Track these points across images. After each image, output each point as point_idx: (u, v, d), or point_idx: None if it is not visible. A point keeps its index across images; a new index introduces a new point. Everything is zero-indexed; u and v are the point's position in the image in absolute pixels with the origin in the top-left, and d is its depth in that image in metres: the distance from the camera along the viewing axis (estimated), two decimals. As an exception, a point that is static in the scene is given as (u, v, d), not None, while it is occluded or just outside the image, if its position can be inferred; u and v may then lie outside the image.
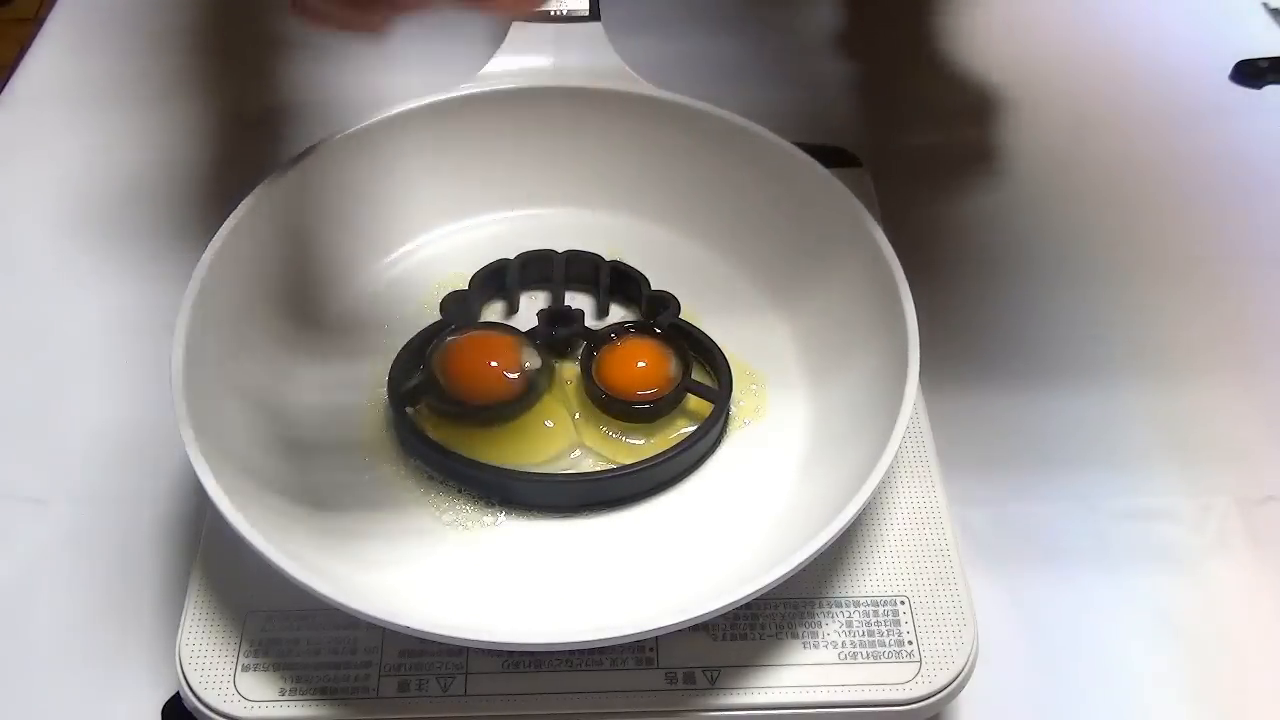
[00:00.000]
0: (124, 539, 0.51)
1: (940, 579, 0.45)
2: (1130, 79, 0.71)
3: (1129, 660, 0.48)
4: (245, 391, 0.48)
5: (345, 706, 0.42)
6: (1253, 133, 0.68)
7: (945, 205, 0.64)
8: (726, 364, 0.50)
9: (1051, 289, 0.61)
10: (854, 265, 0.49)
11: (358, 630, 0.43)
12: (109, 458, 0.53)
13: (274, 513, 0.43)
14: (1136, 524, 0.52)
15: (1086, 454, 0.54)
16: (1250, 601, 0.50)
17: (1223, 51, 0.72)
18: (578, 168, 0.56)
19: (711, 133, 0.54)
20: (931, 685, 0.42)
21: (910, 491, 0.47)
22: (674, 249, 0.55)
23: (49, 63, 0.71)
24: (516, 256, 0.54)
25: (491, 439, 0.48)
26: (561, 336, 0.51)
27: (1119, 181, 0.66)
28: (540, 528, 0.46)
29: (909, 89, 0.70)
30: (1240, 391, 0.57)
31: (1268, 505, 0.52)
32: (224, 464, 0.42)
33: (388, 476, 0.48)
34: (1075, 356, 0.58)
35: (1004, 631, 0.48)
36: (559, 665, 0.42)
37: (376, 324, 0.53)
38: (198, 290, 0.46)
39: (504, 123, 0.55)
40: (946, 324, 0.55)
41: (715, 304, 0.53)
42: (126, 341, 0.57)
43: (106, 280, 0.60)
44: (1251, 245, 0.63)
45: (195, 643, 0.43)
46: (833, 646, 0.43)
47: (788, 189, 0.52)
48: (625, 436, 0.49)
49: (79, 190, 0.64)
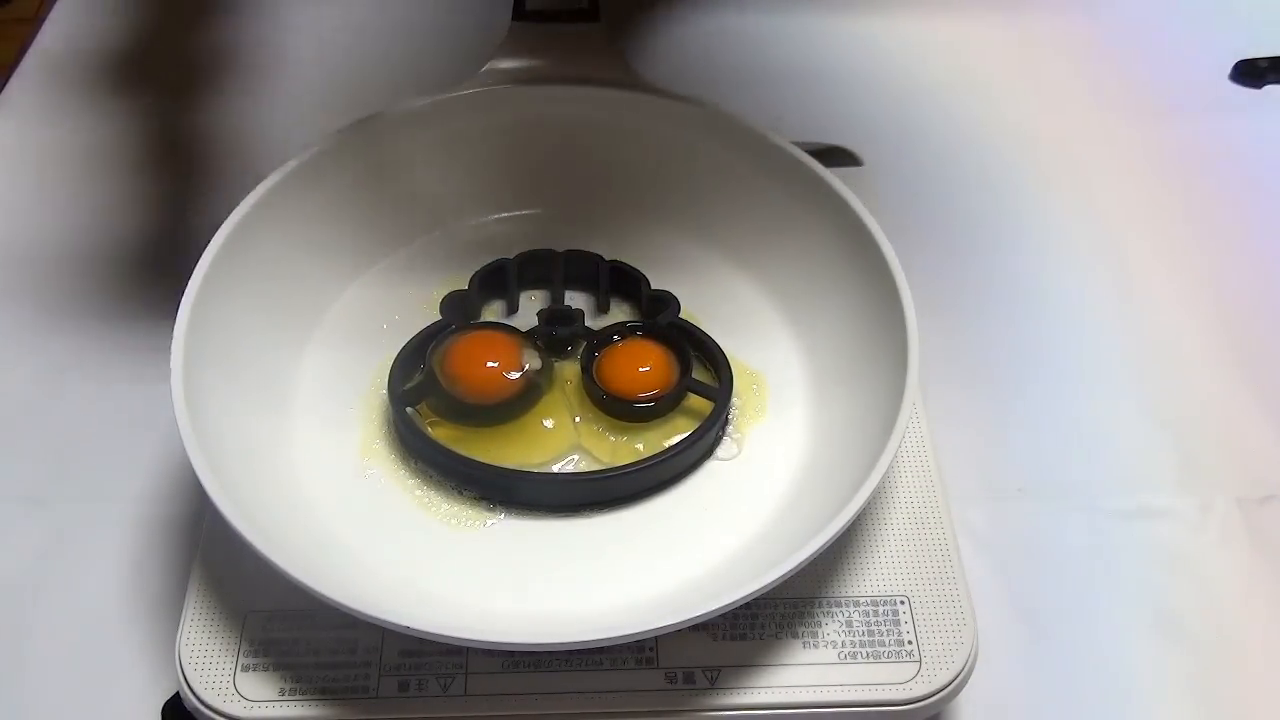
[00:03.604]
0: (124, 539, 0.51)
1: (940, 579, 0.45)
2: (1130, 79, 0.71)
3: (1129, 660, 0.48)
4: (245, 391, 0.48)
5: (345, 706, 0.42)
6: (1253, 132, 0.68)
7: (945, 205, 0.64)
8: (727, 363, 0.50)
9: (1052, 288, 0.61)
10: (854, 265, 0.49)
11: (358, 630, 0.43)
12: (109, 458, 0.53)
13: (274, 513, 0.43)
14: (1136, 523, 0.52)
15: (1086, 453, 0.54)
16: (1250, 601, 0.50)
17: (1223, 51, 0.72)
18: (578, 168, 0.56)
19: (712, 132, 0.54)
20: (931, 685, 0.42)
21: (910, 491, 0.47)
22: (674, 248, 0.55)
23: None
24: (516, 256, 0.54)
25: (491, 439, 0.48)
26: (561, 336, 0.51)
27: (1119, 181, 0.66)
28: (540, 528, 0.46)
29: (909, 89, 0.70)
30: (1240, 390, 0.57)
31: (1268, 505, 0.52)
32: (224, 464, 0.42)
33: (387, 476, 0.48)
34: (1075, 355, 0.58)
35: (1004, 631, 0.48)
36: (559, 665, 0.42)
37: (376, 324, 0.53)
38: (198, 289, 0.46)
39: (504, 123, 0.55)
40: (947, 323, 0.55)
41: (715, 303, 0.53)
42: (127, 341, 0.57)
43: (108, 277, 0.60)
44: (1251, 244, 0.63)
45: (195, 643, 0.43)
46: (833, 646, 0.43)
47: (788, 188, 0.52)
48: (625, 436, 0.49)
49: (77, 190, 0.64)
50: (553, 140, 0.56)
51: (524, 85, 0.55)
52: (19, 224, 0.63)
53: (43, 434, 0.54)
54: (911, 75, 0.71)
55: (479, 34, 0.60)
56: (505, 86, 0.55)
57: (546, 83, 0.55)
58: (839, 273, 0.50)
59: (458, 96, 0.54)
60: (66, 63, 0.71)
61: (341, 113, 0.53)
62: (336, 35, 0.74)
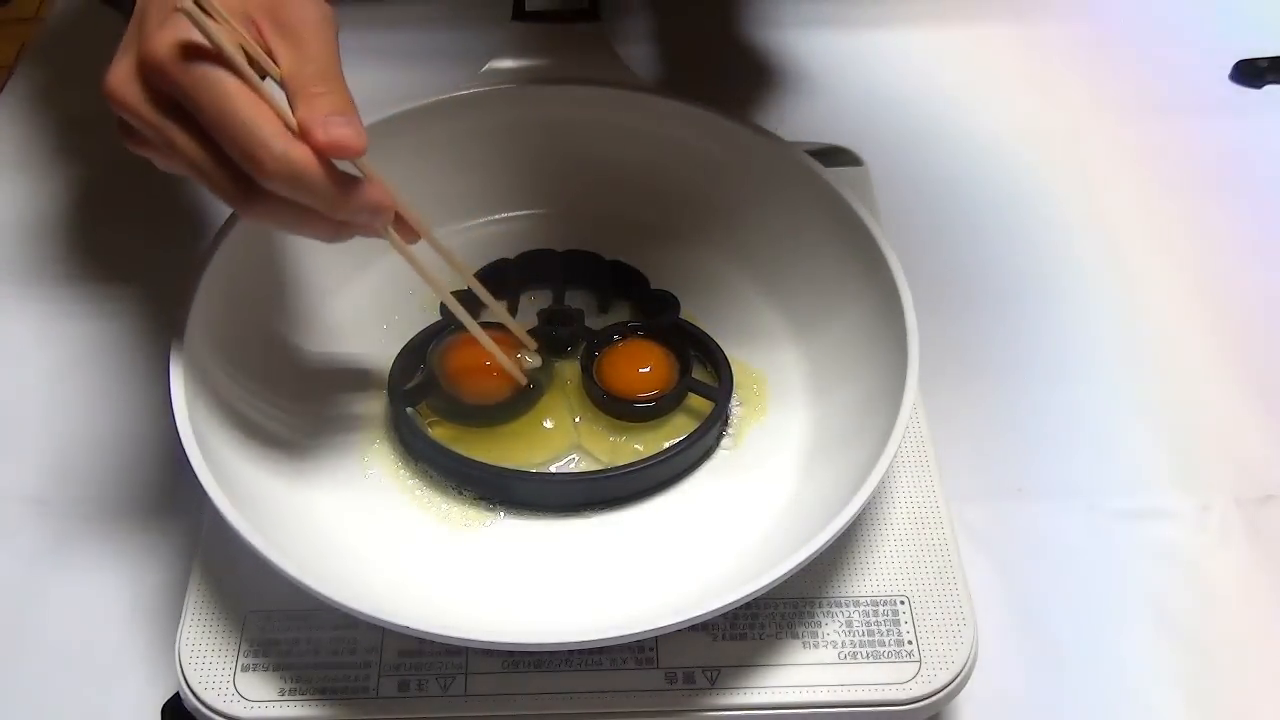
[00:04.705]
0: (124, 539, 0.51)
1: (940, 579, 0.45)
2: (1130, 79, 0.71)
3: (1129, 660, 0.48)
4: (245, 391, 0.48)
5: (345, 706, 0.42)
6: (1253, 132, 0.68)
7: (945, 205, 0.64)
8: (727, 363, 0.50)
9: (1052, 288, 0.61)
10: (853, 264, 0.49)
11: (357, 630, 0.43)
12: (109, 458, 0.53)
13: (274, 513, 0.43)
14: (1136, 523, 0.52)
15: (1086, 453, 0.54)
16: (1250, 600, 0.50)
17: (1223, 51, 0.72)
18: (578, 168, 0.56)
19: (711, 132, 0.54)
20: (931, 685, 0.42)
21: (910, 491, 0.47)
22: (674, 248, 0.55)
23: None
24: (516, 256, 0.54)
25: (492, 439, 0.48)
26: (562, 336, 0.51)
27: (1119, 180, 0.66)
28: (540, 527, 0.46)
29: (909, 89, 0.70)
30: (1240, 391, 0.57)
31: (1268, 505, 0.52)
32: (224, 464, 0.42)
33: (388, 476, 0.48)
34: (1075, 355, 0.58)
35: (1004, 631, 0.48)
36: (559, 665, 0.42)
37: (376, 324, 0.53)
38: (198, 290, 0.46)
39: (504, 123, 0.55)
40: (947, 323, 0.55)
41: (715, 303, 0.53)
42: (127, 341, 0.57)
43: (108, 278, 0.60)
44: (1251, 244, 0.63)
45: (195, 643, 0.43)
46: (833, 646, 0.43)
47: (787, 188, 0.52)
48: (625, 436, 0.49)
49: (76, 189, 0.64)
50: (553, 140, 0.56)
51: (524, 85, 0.55)
52: (19, 224, 0.63)
53: (44, 434, 0.54)
54: (911, 75, 0.71)
55: (479, 34, 0.60)
56: (505, 86, 0.55)
57: (546, 83, 0.55)
58: (839, 273, 0.50)
59: (458, 96, 0.54)
60: (66, 63, 0.71)
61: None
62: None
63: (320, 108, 0.36)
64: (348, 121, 0.36)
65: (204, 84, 0.35)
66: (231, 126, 0.35)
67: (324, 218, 0.38)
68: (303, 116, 0.36)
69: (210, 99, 0.35)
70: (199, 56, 0.35)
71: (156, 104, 0.36)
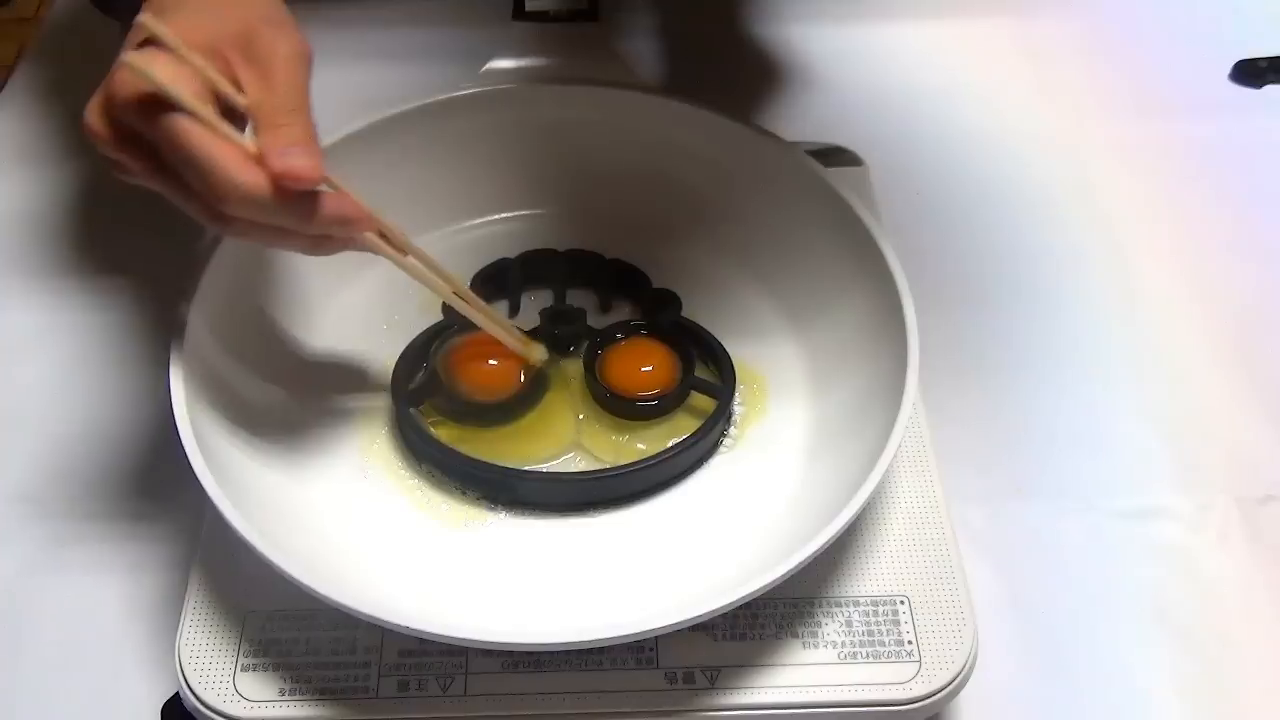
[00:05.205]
0: (124, 539, 0.51)
1: (940, 578, 0.45)
2: (1130, 79, 0.71)
3: (1128, 660, 0.48)
4: (246, 391, 0.48)
5: (345, 706, 0.42)
6: (1253, 132, 0.68)
7: (945, 205, 0.64)
8: (729, 361, 0.50)
9: (1051, 288, 0.61)
10: (854, 265, 0.49)
11: (357, 630, 0.43)
12: (109, 458, 0.53)
13: (274, 513, 0.43)
14: (1136, 523, 0.52)
15: (1086, 453, 0.54)
16: (1249, 600, 0.50)
17: (1223, 51, 0.72)
18: (578, 168, 0.56)
19: (711, 132, 0.54)
20: (931, 685, 0.42)
21: (910, 491, 0.47)
22: (675, 248, 0.55)
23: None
24: (518, 256, 0.54)
25: (494, 438, 0.48)
26: (564, 335, 0.51)
27: (1119, 180, 0.66)
28: (542, 527, 0.46)
29: (909, 89, 0.70)
30: (1239, 391, 0.57)
31: (1268, 505, 0.52)
32: (224, 464, 0.42)
33: (388, 476, 0.48)
34: (1075, 355, 0.58)
35: (1004, 631, 0.48)
36: (559, 665, 0.42)
37: (377, 324, 0.53)
38: (199, 291, 0.46)
39: (505, 123, 0.55)
40: (946, 323, 0.55)
41: (716, 302, 0.53)
42: (127, 340, 0.57)
43: (108, 278, 0.60)
44: (1251, 244, 0.63)
45: (195, 643, 0.43)
46: (833, 646, 0.43)
47: (788, 188, 0.52)
48: (627, 435, 0.49)
49: (75, 188, 0.64)
50: (553, 140, 0.56)
51: (524, 85, 0.55)
52: (19, 224, 0.63)
53: (43, 434, 0.54)
54: (911, 75, 0.71)
55: (479, 34, 0.60)
56: (505, 86, 0.55)
57: (546, 83, 0.55)
58: (839, 272, 0.50)
59: (458, 96, 0.54)
60: (66, 63, 0.71)
61: (342, 113, 0.53)
62: (337, 36, 0.74)
63: (281, 139, 0.37)
64: (305, 152, 0.37)
65: (160, 124, 0.37)
66: (190, 161, 0.37)
67: (299, 234, 0.40)
68: (263, 146, 0.37)
69: (167, 137, 0.37)
70: (154, 97, 0.36)
71: (124, 139, 0.38)
